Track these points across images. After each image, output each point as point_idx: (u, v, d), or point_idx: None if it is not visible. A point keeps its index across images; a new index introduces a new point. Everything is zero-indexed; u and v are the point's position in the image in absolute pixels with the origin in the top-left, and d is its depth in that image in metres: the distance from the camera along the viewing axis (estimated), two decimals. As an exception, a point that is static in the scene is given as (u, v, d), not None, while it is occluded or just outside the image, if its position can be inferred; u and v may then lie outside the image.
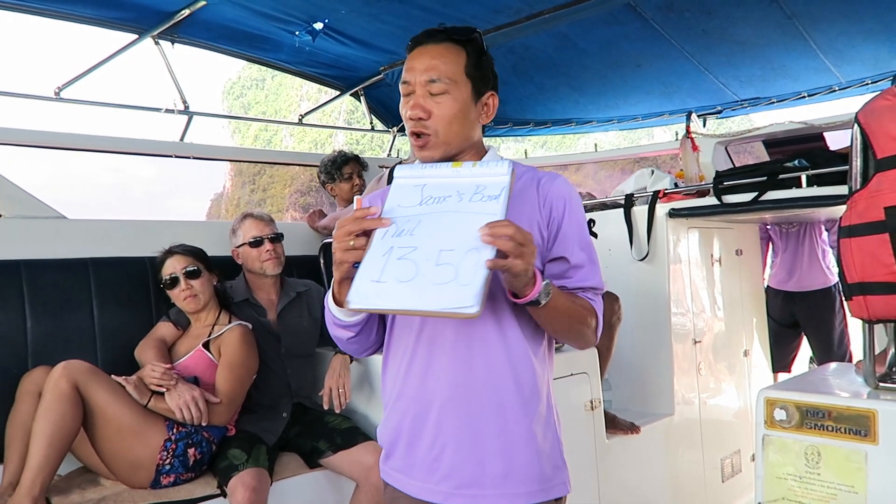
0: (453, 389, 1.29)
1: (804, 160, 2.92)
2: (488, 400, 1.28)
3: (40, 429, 1.96)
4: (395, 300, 1.10)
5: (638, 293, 3.26)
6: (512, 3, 2.88)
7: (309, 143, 58.71)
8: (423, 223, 1.16)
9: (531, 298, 1.17)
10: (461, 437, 1.29)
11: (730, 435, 3.53)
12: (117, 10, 2.80)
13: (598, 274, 1.37)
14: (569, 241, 1.33)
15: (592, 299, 1.34)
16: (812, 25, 2.89)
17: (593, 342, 1.38)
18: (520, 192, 1.32)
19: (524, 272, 1.11)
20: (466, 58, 1.33)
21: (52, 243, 2.52)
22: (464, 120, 1.33)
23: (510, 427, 1.29)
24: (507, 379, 1.29)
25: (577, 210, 1.36)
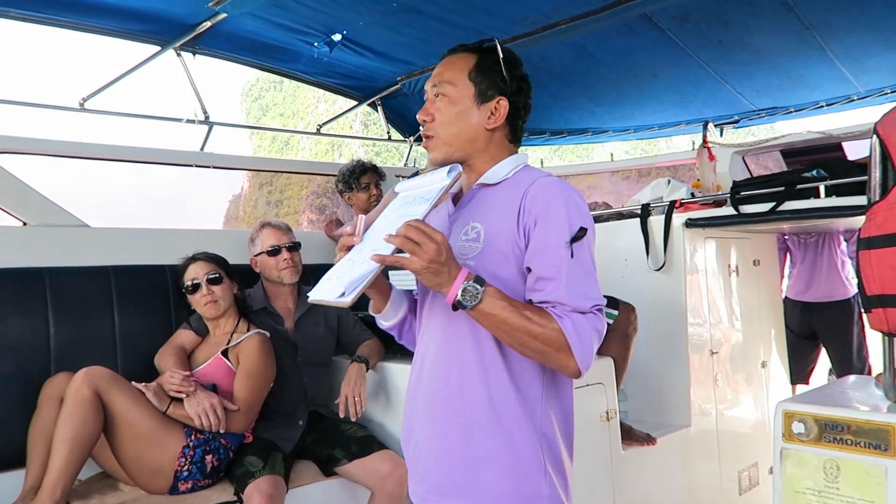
0: (431, 398, 1.35)
1: (822, 170, 2.90)
2: (459, 412, 1.31)
3: (62, 434, 2.00)
4: (324, 293, 1.25)
5: (654, 303, 3.25)
6: (528, 14, 2.90)
7: (326, 144, 59.03)
8: (377, 231, 1.28)
9: (450, 301, 1.19)
10: (432, 445, 1.34)
11: (747, 447, 3.49)
12: (141, 23, 2.85)
13: (569, 289, 1.23)
14: (536, 249, 1.26)
15: (560, 317, 1.22)
16: (829, 35, 2.88)
17: (571, 367, 1.22)
18: (507, 199, 1.33)
19: (424, 270, 1.16)
20: (475, 63, 1.38)
21: (74, 251, 2.56)
22: (462, 122, 1.36)
23: (479, 442, 1.29)
24: (480, 394, 1.29)
25: (554, 216, 1.26)
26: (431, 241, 1.14)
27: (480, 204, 1.38)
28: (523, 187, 1.31)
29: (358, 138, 10.29)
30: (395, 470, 2.34)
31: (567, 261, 1.24)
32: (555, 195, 1.28)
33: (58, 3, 2.61)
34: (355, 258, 1.26)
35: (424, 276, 1.17)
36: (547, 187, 1.29)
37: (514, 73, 1.39)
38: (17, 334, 2.33)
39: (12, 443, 2.20)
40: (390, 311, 1.46)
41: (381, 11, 2.86)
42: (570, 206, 1.27)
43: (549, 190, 1.29)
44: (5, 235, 2.48)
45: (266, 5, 2.74)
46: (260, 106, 74.57)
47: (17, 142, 2.61)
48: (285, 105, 72.70)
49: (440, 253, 1.15)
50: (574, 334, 1.21)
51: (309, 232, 3.48)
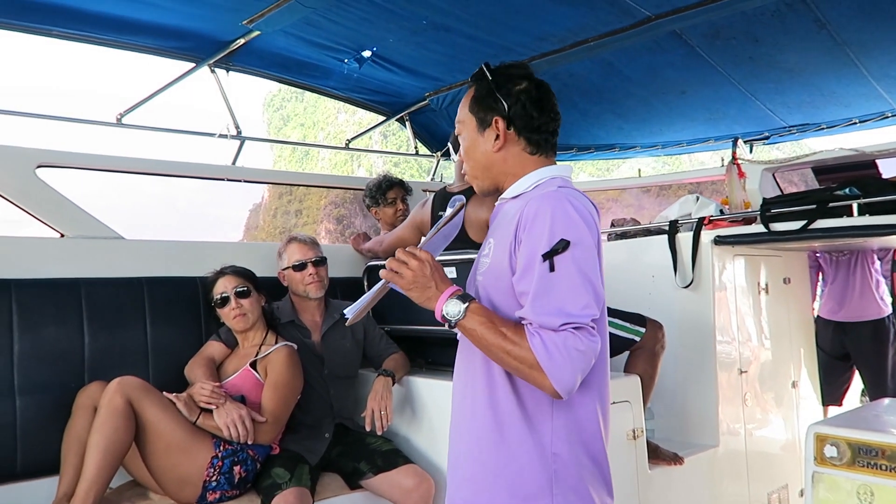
0: (455, 416, 1.43)
1: (855, 188, 2.86)
2: (468, 430, 1.36)
3: (95, 442, 2.04)
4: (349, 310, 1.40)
5: (682, 321, 3.22)
6: (556, 32, 2.92)
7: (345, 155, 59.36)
8: None
9: (437, 316, 1.28)
10: (453, 461, 1.41)
11: (777, 469, 3.42)
12: (176, 40, 2.92)
13: (537, 305, 1.21)
14: (519, 265, 1.27)
15: (532, 334, 1.19)
16: (864, 52, 2.85)
17: (545, 385, 1.19)
18: (512, 214, 1.35)
19: (409, 286, 1.28)
20: (472, 94, 1.44)
21: (109, 262, 2.62)
22: (474, 153, 1.43)
23: (482, 458, 1.32)
24: (486, 413, 1.33)
25: (536, 229, 1.24)
26: (414, 259, 1.26)
27: (498, 220, 1.44)
28: (527, 200, 1.32)
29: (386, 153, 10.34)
30: (420, 484, 2.34)
31: (540, 276, 1.22)
32: (544, 207, 1.26)
33: (98, 22, 2.69)
34: None
35: (413, 294, 1.27)
36: (540, 199, 1.28)
37: (510, 89, 1.38)
38: (53, 343, 2.39)
39: (47, 450, 2.25)
40: None
41: (411, 28, 2.90)
42: (557, 217, 1.24)
43: (540, 201, 1.28)
44: (43, 247, 2.54)
45: (298, 23, 2.79)
46: (281, 116, 75.46)
47: (56, 155, 2.69)
48: (306, 115, 73.42)
49: (423, 269, 1.26)
50: (544, 352, 1.17)
51: (337, 245, 3.52)
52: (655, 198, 24.21)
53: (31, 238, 2.56)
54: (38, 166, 2.60)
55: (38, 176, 2.59)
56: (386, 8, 2.68)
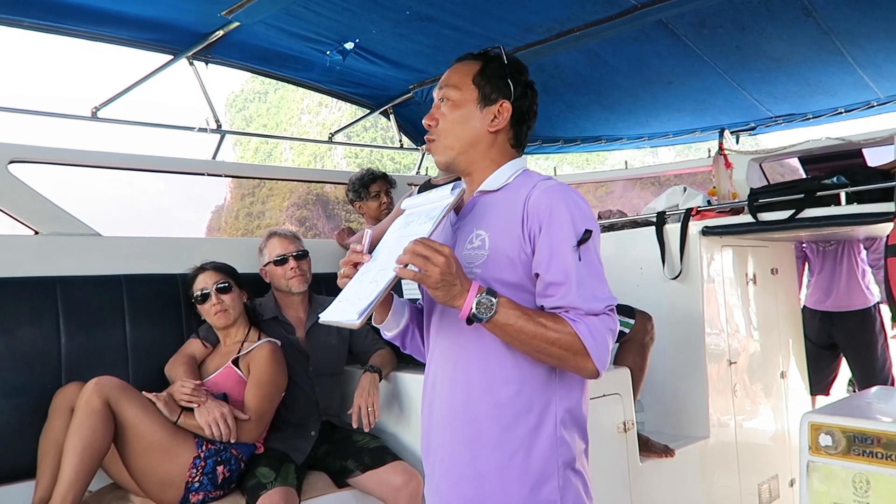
0: (443, 410, 1.36)
1: (843, 177, 2.84)
2: (465, 424, 1.31)
3: (72, 444, 1.98)
4: (336, 315, 1.25)
5: (671, 313, 3.20)
6: (542, 22, 2.88)
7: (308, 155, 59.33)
8: (385, 249, 1.31)
9: (464, 315, 1.19)
10: (444, 457, 1.35)
11: (767, 459, 3.42)
12: (154, 32, 2.85)
13: (580, 293, 1.24)
14: (543, 255, 1.26)
15: (574, 321, 1.22)
16: (850, 41, 2.84)
17: (589, 369, 1.24)
18: (508, 205, 1.33)
19: (437, 284, 1.16)
20: (479, 68, 1.39)
21: (86, 260, 2.55)
22: (464, 124, 1.38)
23: (484, 453, 1.28)
24: (485, 405, 1.29)
25: (558, 220, 1.26)
26: (439, 255, 1.15)
27: (482, 211, 1.37)
28: (524, 192, 1.32)
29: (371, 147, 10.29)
30: (408, 482, 2.30)
31: (576, 264, 1.25)
32: (557, 199, 1.28)
33: (71, 13, 2.61)
34: (364, 279, 1.26)
35: (438, 291, 1.17)
36: (548, 191, 1.30)
37: (519, 78, 1.40)
38: (28, 344, 2.32)
39: (23, 454, 2.18)
40: (391, 321, 1.45)
41: (395, 20, 2.85)
42: (574, 208, 1.28)
43: (551, 194, 1.29)
44: (17, 244, 2.47)
45: (279, 14, 2.73)
46: (244, 117, 74.81)
47: (29, 150, 2.61)
48: (269, 116, 72.81)
49: (449, 266, 1.15)
50: (590, 337, 1.21)
51: (320, 240, 3.46)
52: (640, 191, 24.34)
53: (4, 236, 2.49)
54: (11, 161, 2.52)
55: (11, 171, 2.52)
56: (368, -2, 2.64)
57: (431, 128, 1.40)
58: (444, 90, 1.40)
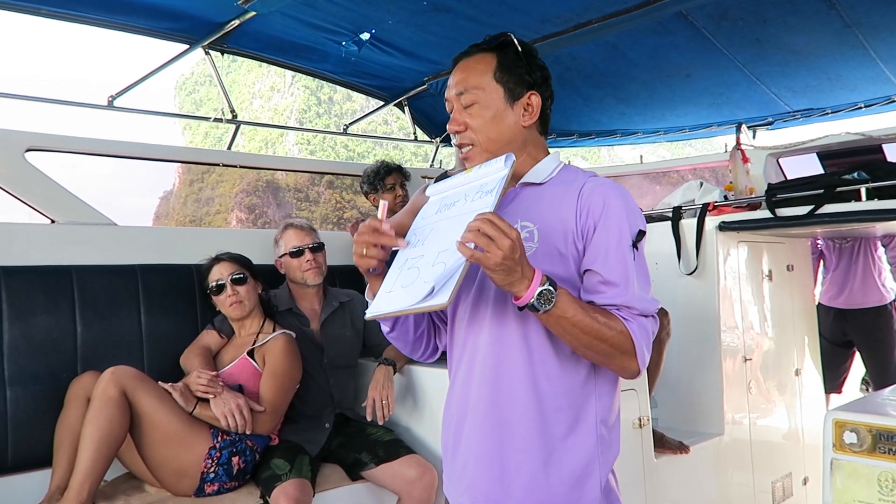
0: (481, 402, 1.31)
1: (864, 172, 2.81)
2: (507, 419, 1.27)
3: (88, 434, 1.97)
4: (393, 304, 1.17)
5: (686, 308, 3.17)
6: (560, 13, 2.84)
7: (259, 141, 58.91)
8: (432, 231, 1.24)
9: (523, 303, 1.14)
10: (482, 450, 1.30)
11: (781, 457, 3.40)
12: (170, 21, 2.84)
13: (636, 292, 1.23)
14: (599, 251, 1.24)
15: (626, 319, 1.21)
16: (873, 34, 2.79)
17: (632, 369, 1.23)
18: (558, 198, 1.30)
19: (497, 267, 1.08)
20: (496, 63, 1.34)
21: (102, 249, 2.55)
22: (499, 125, 1.34)
23: (526, 448, 1.26)
24: (529, 400, 1.26)
25: (615, 218, 1.24)
26: (506, 237, 1.07)
27: (528, 203, 1.34)
28: (575, 186, 1.29)
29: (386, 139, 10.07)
30: (422, 475, 2.29)
31: (631, 264, 1.24)
32: (613, 196, 1.27)
33: (89, 1, 2.60)
34: (417, 265, 1.19)
35: (496, 274, 1.11)
36: (603, 188, 1.28)
37: (535, 63, 1.37)
38: (44, 333, 2.32)
39: (39, 442, 2.19)
40: None
41: (411, 10, 2.82)
42: (630, 208, 1.27)
43: (606, 191, 1.27)
44: (34, 233, 2.47)
45: (295, 3, 2.71)
46: (193, 100, 73.90)
47: (46, 139, 2.61)
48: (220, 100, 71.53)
49: (514, 250, 1.08)
50: (640, 337, 1.21)
51: (335, 233, 3.45)
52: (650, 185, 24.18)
53: (21, 224, 2.48)
54: (28, 150, 2.52)
55: (27, 160, 2.52)
56: (386, -12, 2.61)
57: (460, 133, 1.35)
58: (467, 93, 1.34)
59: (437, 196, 1.35)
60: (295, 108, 65.68)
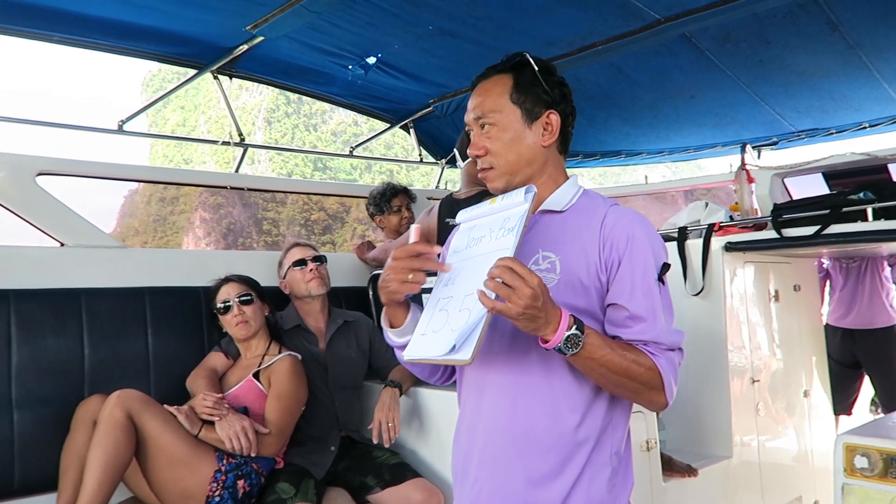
0: (495, 433, 1.28)
1: (870, 192, 2.80)
2: (526, 451, 1.25)
3: (94, 457, 1.97)
4: (425, 350, 1.15)
5: (693, 329, 3.15)
6: (565, 36, 2.88)
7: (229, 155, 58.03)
8: (462, 270, 1.21)
9: (550, 346, 1.13)
10: (496, 482, 1.27)
11: (791, 480, 3.35)
12: (179, 46, 2.89)
13: (663, 327, 1.22)
14: (625, 286, 1.22)
15: (654, 354, 1.20)
16: (876, 54, 2.81)
17: (661, 403, 1.23)
18: (581, 228, 1.28)
19: (519, 317, 1.07)
20: (513, 84, 1.34)
21: (110, 272, 2.57)
22: (518, 146, 1.33)
23: (545, 482, 1.23)
24: (548, 433, 1.24)
25: (640, 251, 1.23)
26: (527, 287, 1.05)
27: (548, 232, 1.32)
28: (598, 217, 1.28)
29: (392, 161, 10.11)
30: (429, 499, 2.28)
31: (658, 298, 1.23)
32: (636, 229, 1.25)
33: (98, 27, 2.65)
34: (447, 307, 1.17)
35: (519, 322, 1.09)
36: (627, 220, 1.27)
37: (553, 80, 1.35)
38: (52, 355, 2.33)
39: (46, 465, 2.18)
40: (410, 325, 1.30)
41: (417, 34, 2.86)
42: (654, 240, 1.26)
43: (629, 223, 1.26)
44: (43, 256, 2.49)
45: (303, 28, 2.75)
46: None
47: (57, 163, 2.64)
48: (187, 98, 70.95)
49: (536, 298, 1.06)
50: (669, 372, 1.21)
51: (340, 254, 3.47)
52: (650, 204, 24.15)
53: (31, 247, 2.50)
54: (39, 174, 2.55)
55: (38, 184, 2.54)
56: (392, 13, 2.65)
57: (481, 157, 1.34)
58: (485, 116, 1.33)
59: (466, 225, 1.32)
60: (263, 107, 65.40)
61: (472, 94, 1.38)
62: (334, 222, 52.91)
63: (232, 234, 49.68)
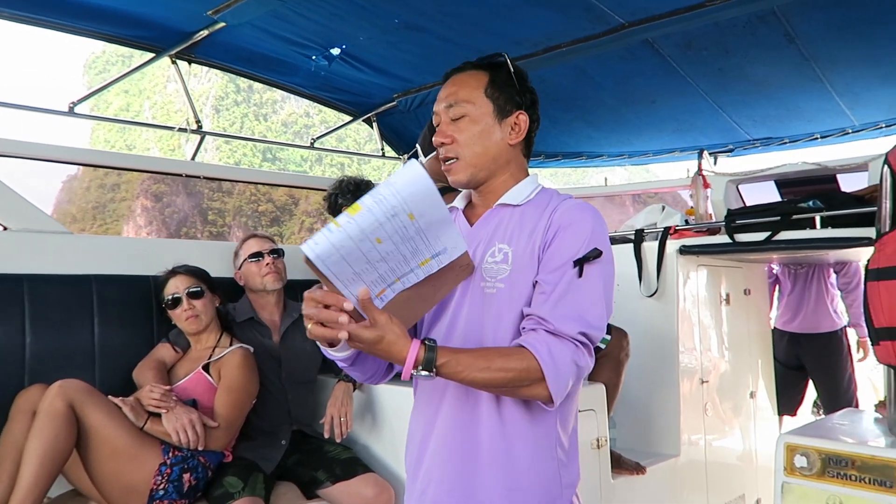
0: (447, 428, 1.30)
1: (818, 201, 2.89)
2: (470, 444, 1.27)
3: (32, 448, 1.91)
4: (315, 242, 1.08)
5: (646, 330, 3.21)
6: (531, 36, 2.89)
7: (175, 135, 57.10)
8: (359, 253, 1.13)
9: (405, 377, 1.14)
10: (444, 475, 1.29)
11: (735, 478, 3.44)
12: (138, 29, 2.80)
13: (560, 308, 1.18)
14: (547, 262, 1.23)
15: (538, 346, 1.16)
16: (829, 68, 2.89)
17: (542, 396, 1.18)
18: (533, 220, 1.30)
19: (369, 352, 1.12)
20: (488, 80, 1.35)
21: (56, 258, 2.48)
22: (486, 141, 1.33)
23: (491, 473, 1.26)
24: (492, 425, 1.26)
25: (570, 235, 1.24)
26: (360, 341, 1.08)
27: (504, 224, 1.33)
28: (550, 207, 1.29)
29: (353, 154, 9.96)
30: (379, 494, 2.26)
31: (569, 278, 1.21)
32: (581, 216, 1.26)
33: (55, 5, 2.55)
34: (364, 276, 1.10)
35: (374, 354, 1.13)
36: (576, 208, 1.28)
37: (526, 86, 1.38)
38: None
39: (-20, 456, 2.10)
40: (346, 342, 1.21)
41: (383, 27, 2.83)
42: (595, 227, 1.25)
43: (576, 211, 1.27)
44: None
45: (266, 16, 2.70)
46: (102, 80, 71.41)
47: (4, 145, 2.54)
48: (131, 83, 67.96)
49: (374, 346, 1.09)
50: (551, 364, 1.16)
51: (297, 246, 3.41)
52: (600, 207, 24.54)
53: None
54: None
55: (-19, 165, 2.45)
56: (358, 4, 2.61)
57: (446, 146, 1.34)
58: (456, 106, 1.33)
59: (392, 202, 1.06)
60: (212, 94, 63.99)
61: (444, 85, 1.38)
62: (282, 214, 51.62)
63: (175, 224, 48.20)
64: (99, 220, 51.95)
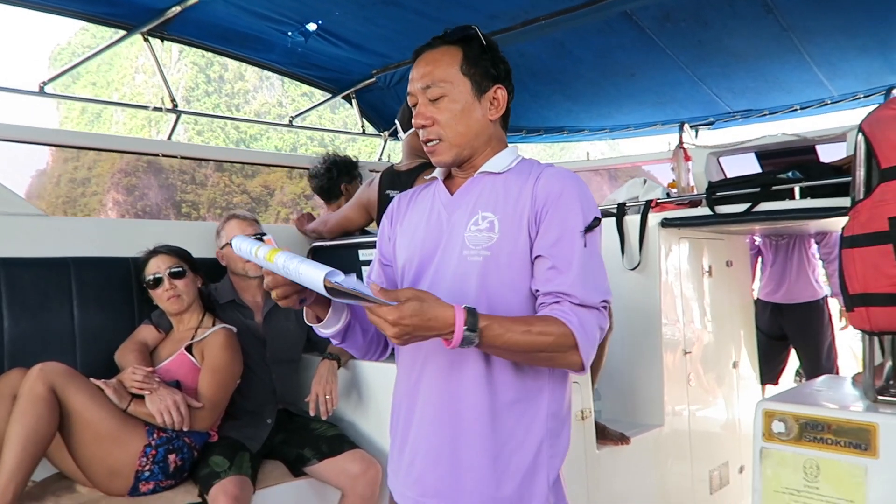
0: (432, 401, 1.30)
1: (797, 172, 2.91)
2: (458, 414, 1.27)
3: (14, 433, 1.89)
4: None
5: (629, 303, 3.24)
6: (508, 9, 2.86)
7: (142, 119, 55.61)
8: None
9: (452, 347, 1.14)
10: (431, 444, 1.30)
11: (718, 447, 3.50)
12: (108, 6, 2.74)
13: (577, 281, 1.20)
14: (549, 238, 1.23)
15: (567, 313, 1.18)
16: (807, 39, 2.90)
17: (575, 363, 1.20)
18: (518, 187, 1.29)
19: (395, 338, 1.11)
20: (462, 56, 1.32)
21: (33, 241, 2.45)
22: (468, 119, 1.32)
23: (477, 443, 1.26)
24: (479, 395, 1.26)
25: (567, 206, 1.24)
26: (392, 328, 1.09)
27: (486, 192, 1.32)
28: (533, 175, 1.29)
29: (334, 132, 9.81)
30: (366, 470, 2.28)
31: (581, 251, 1.22)
32: (568, 184, 1.26)
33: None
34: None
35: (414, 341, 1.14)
36: (559, 176, 1.28)
37: (498, 56, 1.36)
38: None
39: (-39, 442, 2.08)
40: (332, 318, 1.29)
41: (359, 2, 2.80)
42: (584, 195, 1.26)
43: (561, 179, 1.27)
44: None
45: (239, -10, 2.66)
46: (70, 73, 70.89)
47: None
48: (99, 74, 67.13)
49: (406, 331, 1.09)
50: (581, 331, 1.18)
51: (280, 226, 3.40)
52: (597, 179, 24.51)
53: None
54: None
55: (-49, 147, 2.39)
56: (332, -22, 2.58)
57: (427, 128, 1.32)
58: (434, 86, 1.30)
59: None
60: (182, 86, 62.45)
61: (416, 63, 1.35)
62: (258, 205, 50.74)
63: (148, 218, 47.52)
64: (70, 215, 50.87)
